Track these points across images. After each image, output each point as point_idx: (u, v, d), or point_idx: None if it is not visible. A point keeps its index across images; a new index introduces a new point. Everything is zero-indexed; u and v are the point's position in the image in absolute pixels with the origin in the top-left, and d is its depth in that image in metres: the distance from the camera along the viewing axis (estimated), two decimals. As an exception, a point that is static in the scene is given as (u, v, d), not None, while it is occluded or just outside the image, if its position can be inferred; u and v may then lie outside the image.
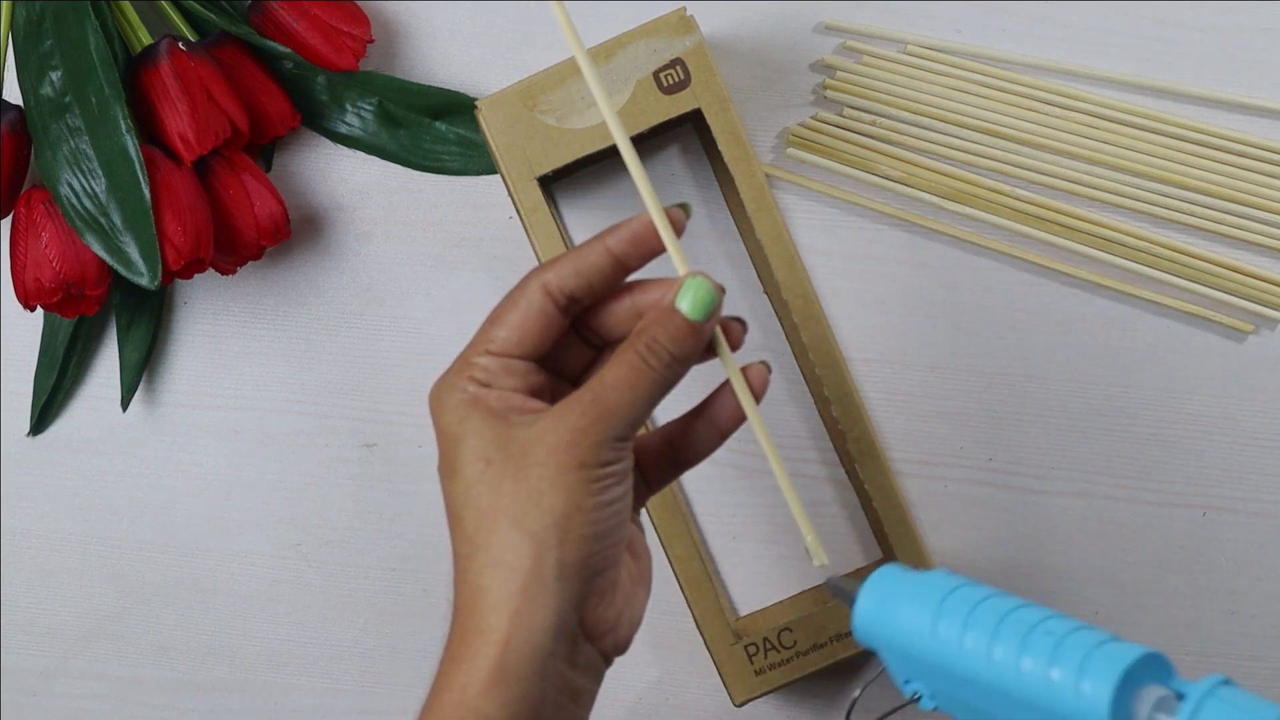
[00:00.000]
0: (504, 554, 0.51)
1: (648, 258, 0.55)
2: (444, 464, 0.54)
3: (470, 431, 0.53)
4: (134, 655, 0.75)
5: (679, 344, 0.53)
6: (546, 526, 0.51)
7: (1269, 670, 0.73)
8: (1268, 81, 0.72)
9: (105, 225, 0.65)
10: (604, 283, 0.55)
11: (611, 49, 0.67)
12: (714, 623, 0.68)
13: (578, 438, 0.52)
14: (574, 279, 0.54)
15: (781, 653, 0.68)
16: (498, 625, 0.51)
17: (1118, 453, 0.73)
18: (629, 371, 0.53)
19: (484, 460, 0.52)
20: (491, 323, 0.55)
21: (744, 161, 0.68)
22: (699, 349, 0.54)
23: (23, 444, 0.75)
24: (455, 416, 0.53)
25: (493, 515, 0.52)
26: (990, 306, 0.73)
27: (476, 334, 0.55)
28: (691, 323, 0.53)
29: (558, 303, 0.54)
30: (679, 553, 0.68)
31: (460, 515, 0.53)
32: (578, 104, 0.67)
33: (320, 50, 0.69)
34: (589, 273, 0.54)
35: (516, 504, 0.52)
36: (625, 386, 0.52)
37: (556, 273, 0.54)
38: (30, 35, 0.66)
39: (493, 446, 0.52)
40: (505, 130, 0.67)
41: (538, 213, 0.67)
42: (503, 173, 0.67)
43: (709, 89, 0.67)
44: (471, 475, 0.53)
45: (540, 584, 0.51)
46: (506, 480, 0.52)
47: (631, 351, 0.53)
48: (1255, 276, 0.72)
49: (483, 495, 0.52)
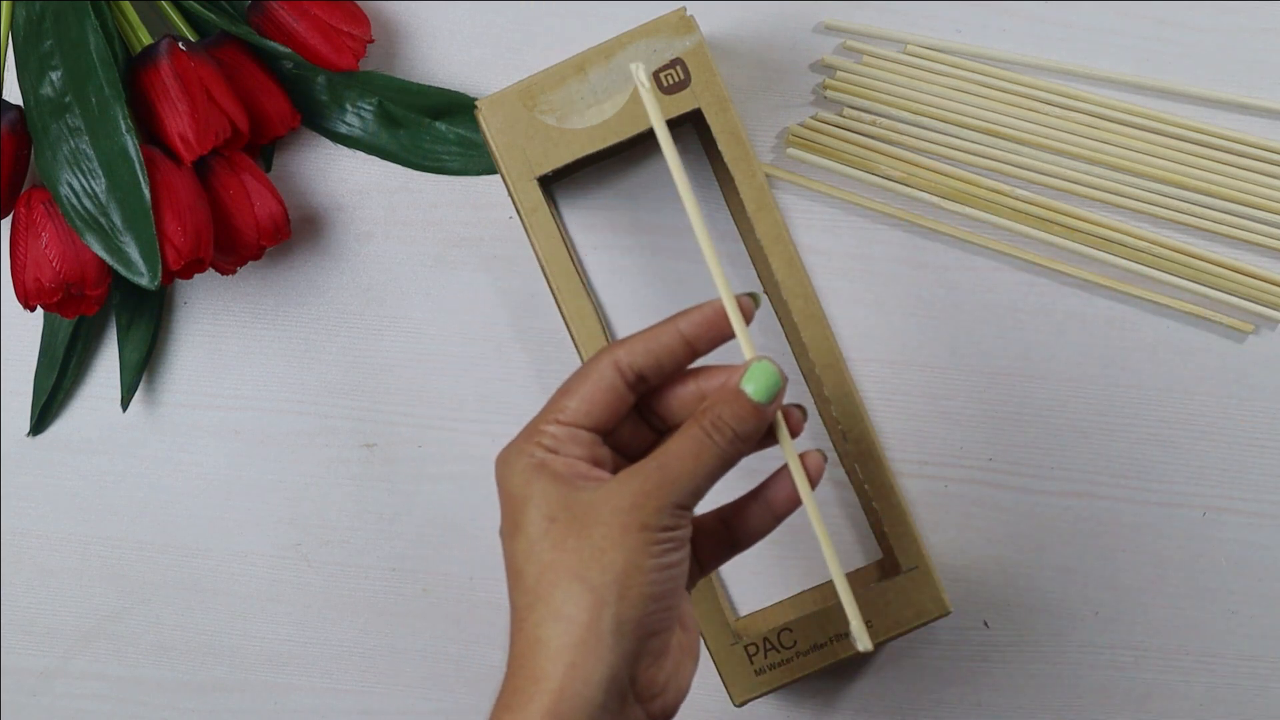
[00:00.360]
0: (564, 606, 0.53)
1: (717, 342, 0.57)
2: (507, 524, 0.56)
3: (536, 493, 0.55)
4: (134, 655, 0.75)
5: (742, 423, 0.55)
6: (607, 582, 0.53)
7: (1269, 670, 0.73)
8: (1268, 81, 0.72)
9: (105, 225, 0.65)
10: (673, 363, 0.57)
11: (611, 49, 0.67)
12: (714, 623, 0.68)
13: (642, 500, 0.54)
14: (644, 357, 0.56)
15: (781, 653, 0.68)
16: (553, 674, 0.53)
17: (1118, 453, 0.73)
18: (693, 444, 0.55)
19: (549, 519, 0.54)
20: (562, 393, 0.57)
21: (744, 161, 0.68)
22: (761, 430, 0.56)
23: (23, 444, 0.75)
24: (521, 479, 0.55)
25: (555, 570, 0.54)
26: (990, 306, 0.73)
27: (547, 404, 0.57)
28: (756, 404, 0.56)
29: (627, 379, 0.56)
30: None
31: (522, 570, 0.55)
32: (577, 104, 0.67)
33: (320, 50, 0.69)
34: (659, 352, 0.57)
35: (579, 559, 0.53)
36: (689, 457, 0.55)
37: (628, 350, 0.56)
38: (30, 35, 0.66)
39: (558, 506, 0.54)
40: (505, 130, 0.67)
41: (538, 213, 0.67)
42: (502, 173, 0.67)
43: (709, 89, 0.67)
44: (535, 533, 0.54)
45: (597, 637, 0.53)
46: (570, 537, 0.54)
47: (697, 426, 0.55)
48: (1255, 276, 0.72)
49: (546, 551, 0.54)
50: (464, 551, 0.74)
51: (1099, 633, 0.73)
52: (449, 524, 0.74)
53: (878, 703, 0.74)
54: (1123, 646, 0.73)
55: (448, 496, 0.74)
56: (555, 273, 0.68)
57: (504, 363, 0.74)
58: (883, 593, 0.68)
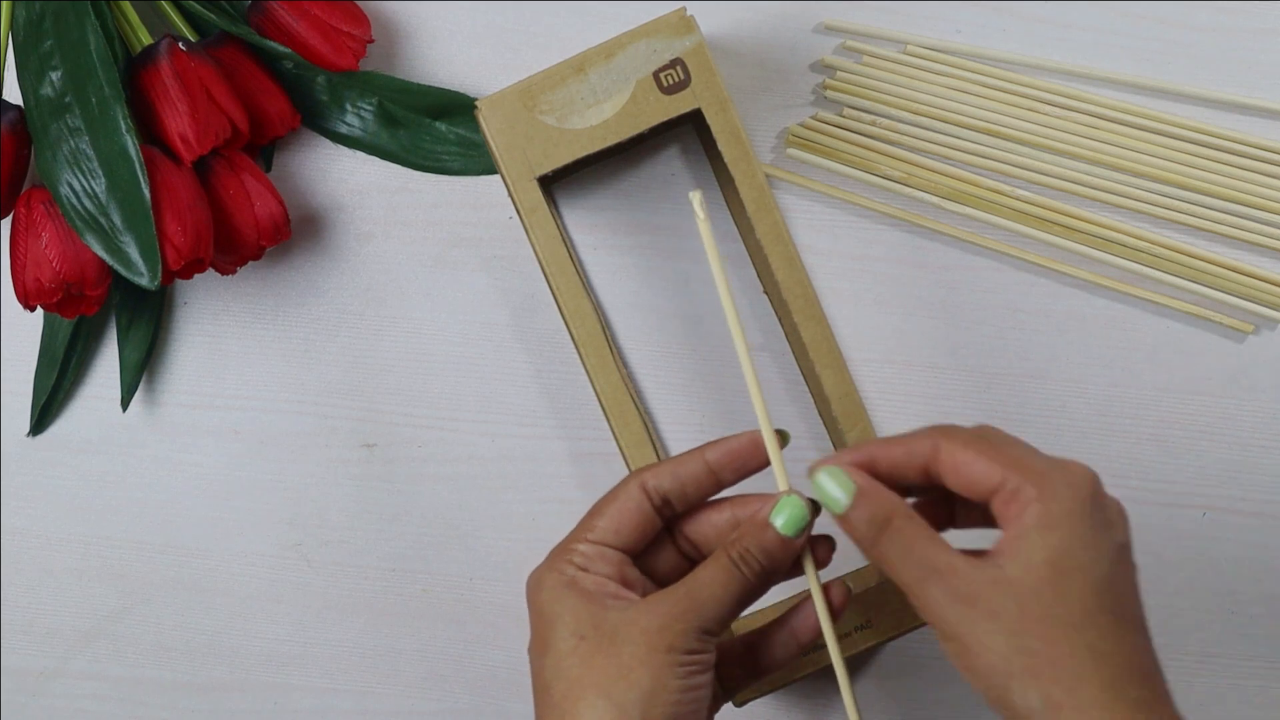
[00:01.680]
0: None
1: (743, 475, 0.59)
2: (536, 642, 0.58)
3: (565, 610, 0.56)
4: (134, 655, 0.75)
5: (770, 556, 0.57)
6: (633, 700, 0.54)
7: (1269, 670, 0.73)
8: (1268, 81, 0.72)
9: (105, 225, 0.65)
10: (698, 492, 0.59)
11: (611, 49, 0.67)
12: None
13: (670, 623, 0.55)
14: (670, 482, 0.58)
15: None
16: None
17: (1118, 453, 0.73)
18: (722, 573, 0.56)
19: (578, 636, 0.56)
20: (592, 514, 0.59)
21: (744, 161, 0.68)
22: (788, 563, 0.58)
23: (23, 444, 0.75)
24: (551, 596, 0.57)
25: (582, 686, 0.55)
26: (990, 306, 0.73)
27: (576, 526, 0.59)
28: (784, 538, 0.57)
29: (654, 503, 0.58)
30: None
31: (550, 685, 0.56)
32: (577, 104, 0.67)
33: (320, 50, 0.69)
34: (685, 479, 0.59)
35: (606, 677, 0.55)
36: (718, 585, 0.56)
37: (655, 475, 0.58)
38: (30, 35, 0.66)
39: (587, 624, 0.56)
40: (505, 130, 0.67)
41: (537, 212, 0.67)
42: (502, 173, 0.67)
43: (709, 89, 0.67)
44: (564, 650, 0.56)
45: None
46: (598, 655, 0.55)
47: (725, 556, 0.57)
48: (1255, 276, 0.72)
49: (574, 667, 0.55)
50: (464, 551, 0.74)
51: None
52: (449, 524, 0.74)
53: (878, 702, 0.74)
54: (1123, 646, 0.73)
55: (448, 496, 0.74)
56: (555, 272, 0.68)
57: (504, 363, 0.74)
58: (883, 592, 0.68)
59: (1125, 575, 0.55)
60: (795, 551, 0.58)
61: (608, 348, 0.68)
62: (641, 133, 0.67)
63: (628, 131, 0.67)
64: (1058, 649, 0.53)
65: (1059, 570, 0.53)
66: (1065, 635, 0.53)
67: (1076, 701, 0.52)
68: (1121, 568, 0.55)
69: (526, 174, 0.67)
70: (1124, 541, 0.56)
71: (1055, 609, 0.53)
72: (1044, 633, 0.53)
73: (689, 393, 0.73)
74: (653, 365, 0.73)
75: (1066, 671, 0.52)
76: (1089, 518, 0.54)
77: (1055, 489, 0.54)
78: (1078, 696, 0.52)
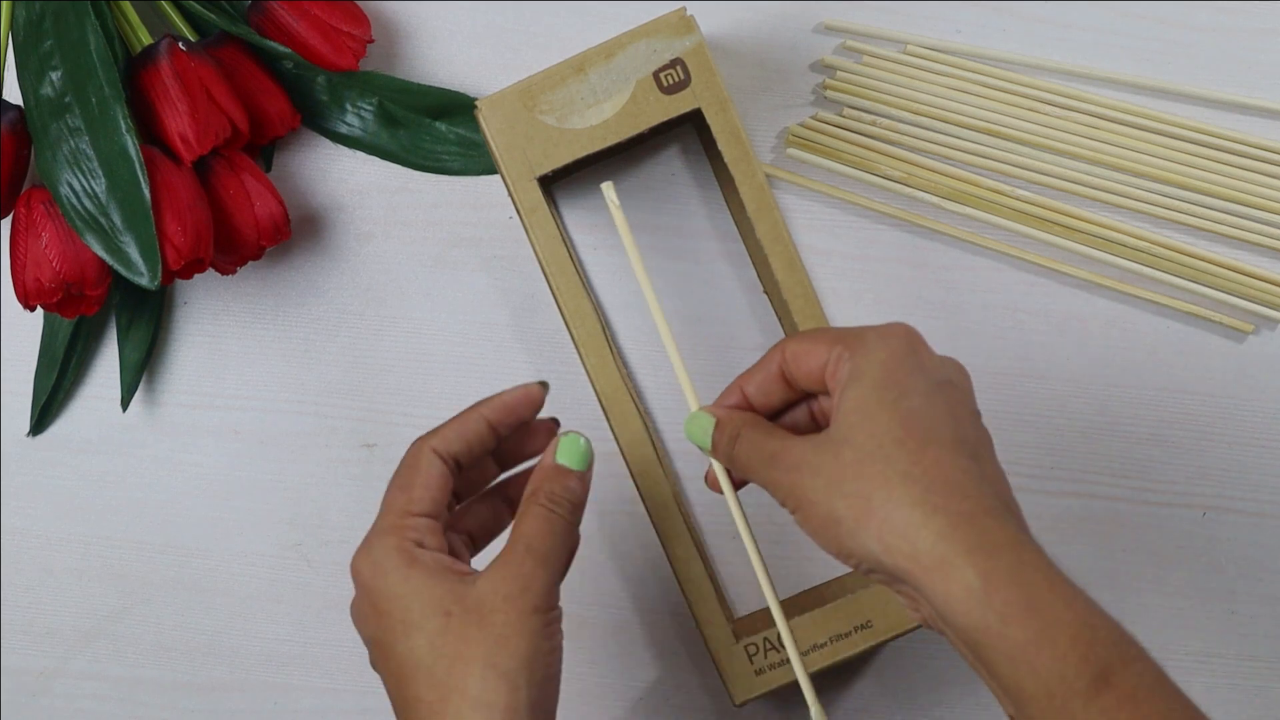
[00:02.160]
0: (482, 694, 0.56)
1: (514, 426, 0.62)
2: (388, 622, 0.58)
3: (419, 588, 0.57)
4: (134, 655, 0.75)
5: (571, 491, 0.60)
6: (516, 667, 0.56)
7: (1269, 670, 0.73)
8: (1268, 81, 0.72)
9: (105, 225, 0.65)
10: (481, 447, 0.61)
11: (611, 49, 0.67)
12: (715, 623, 0.68)
13: (528, 584, 0.57)
14: (458, 443, 0.60)
15: (782, 653, 0.68)
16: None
17: (1118, 453, 0.73)
18: (543, 521, 0.59)
19: (444, 613, 0.57)
20: (401, 489, 0.60)
21: (744, 162, 0.68)
22: (587, 492, 0.61)
23: (23, 444, 0.75)
24: (397, 575, 0.58)
25: (465, 661, 0.56)
26: (990, 306, 0.73)
27: (387, 500, 0.60)
28: (576, 472, 0.60)
29: (448, 465, 0.60)
30: (679, 553, 0.68)
31: (430, 665, 0.57)
32: (577, 104, 0.67)
33: (320, 50, 0.69)
34: (470, 437, 0.61)
35: (486, 648, 0.56)
36: (546, 534, 0.58)
37: (442, 439, 0.60)
38: (30, 35, 0.66)
39: (449, 599, 0.57)
40: (505, 130, 0.67)
41: (537, 212, 0.67)
42: (502, 173, 0.67)
43: (709, 89, 0.67)
44: (434, 628, 0.57)
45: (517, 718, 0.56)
46: (472, 629, 0.56)
47: (535, 505, 0.59)
48: (1255, 276, 0.72)
49: (450, 644, 0.56)
50: (464, 551, 0.74)
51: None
52: (449, 524, 0.74)
53: (877, 702, 0.74)
54: (1123, 646, 0.73)
55: (448, 496, 0.74)
56: (555, 272, 0.68)
57: (504, 363, 0.74)
58: (883, 593, 0.68)
59: (941, 405, 0.55)
60: (588, 481, 0.61)
61: (608, 348, 0.68)
62: (641, 133, 0.67)
63: (628, 131, 0.67)
64: (871, 484, 0.54)
65: (865, 413, 0.55)
66: (877, 470, 0.54)
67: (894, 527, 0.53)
68: (937, 399, 0.55)
69: (527, 174, 0.67)
70: (945, 380, 0.56)
71: (865, 449, 0.54)
72: (857, 473, 0.54)
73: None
74: (653, 365, 0.73)
75: (880, 502, 0.53)
76: (899, 362, 0.56)
77: (867, 346, 0.56)
78: (893, 522, 0.53)
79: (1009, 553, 0.52)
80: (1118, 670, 0.50)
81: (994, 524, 0.53)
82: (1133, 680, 0.50)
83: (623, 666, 0.74)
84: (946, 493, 0.53)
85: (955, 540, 0.52)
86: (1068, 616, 0.51)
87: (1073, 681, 0.50)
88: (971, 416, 0.56)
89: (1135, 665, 0.51)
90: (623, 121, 0.67)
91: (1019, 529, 0.53)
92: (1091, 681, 0.50)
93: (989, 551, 0.52)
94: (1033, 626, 0.51)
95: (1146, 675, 0.51)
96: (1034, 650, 0.51)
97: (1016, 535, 0.53)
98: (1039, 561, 0.52)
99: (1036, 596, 0.51)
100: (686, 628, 0.73)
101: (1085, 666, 0.50)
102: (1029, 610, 0.51)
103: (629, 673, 0.73)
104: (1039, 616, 0.51)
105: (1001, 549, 0.52)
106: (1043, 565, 0.52)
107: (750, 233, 0.69)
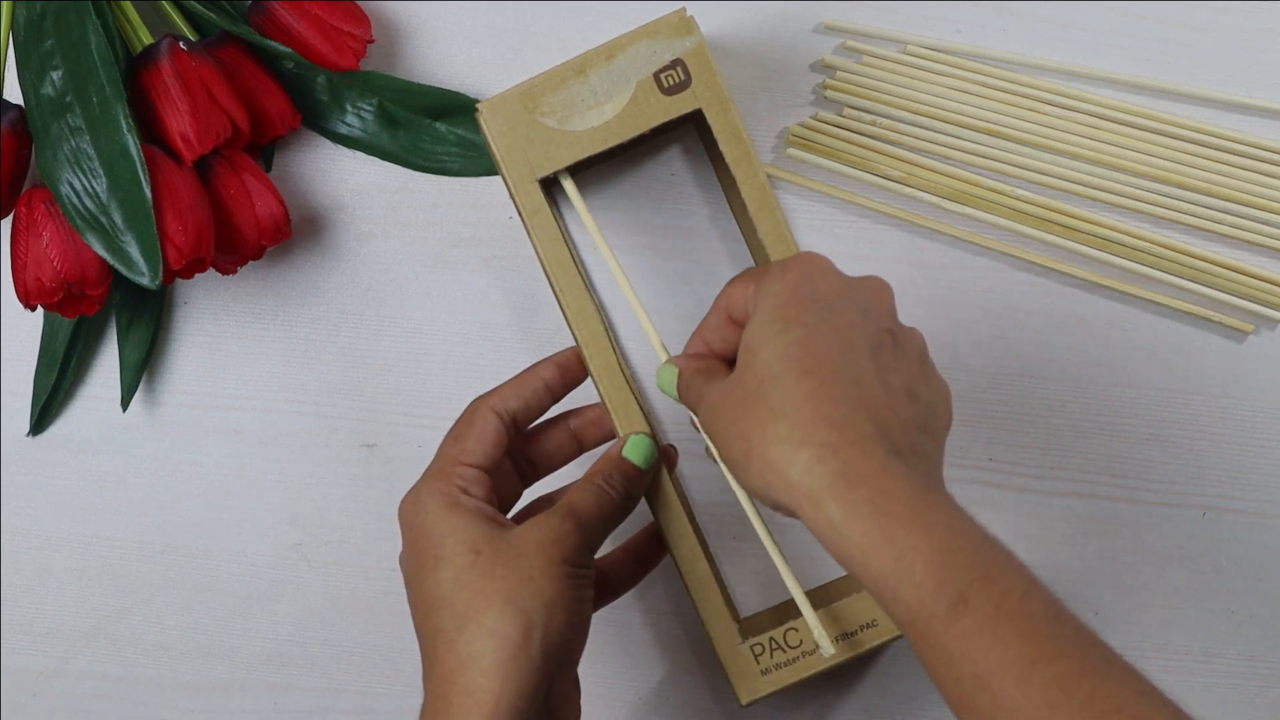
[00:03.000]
0: (498, 625, 0.58)
1: (570, 387, 0.67)
2: (422, 558, 0.61)
3: (456, 527, 0.60)
4: (134, 655, 0.75)
5: (629, 481, 0.65)
6: (536, 607, 0.58)
7: (1269, 670, 0.73)
8: (1268, 81, 0.72)
9: (106, 225, 0.65)
10: (539, 407, 0.66)
11: (612, 50, 0.67)
12: (720, 623, 0.68)
13: (562, 537, 0.60)
14: (516, 401, 0.65)
15: (788, 652, 0.68)
16: (489, 687, 0.57)
17: (1118, 453, 0.73)
18: (595, 495, 0.63)
19: (473, 551, 0.60)
20: (456, 439, 0.63)
21: (746, 162, 0.68)
22: (644, 487, 0.66)
23: (23, 444, 0.75)
24: (437, 515, 0.61)
25: (486, 594, 0.58)
26: (990, 306, 0.73)
27: (441, 450, 0.63)
28: (639, 468, 0.65)
29: (504, 422, 0.64)
30: (683, 553, 0.68)
31: (451, 597, 0.59)
32: (578, 106, 0.67)
33: (321, 50, 0.69)
34: (528, 396, 0.65)
35: (509, 585, 0.59)
36: (593, 505, 0.62)
37: (500, 398, 0.65)
38: (31, 35, 0.66)
39: (481, 539, 0.60)
40: (506, 133, 0.67)
41: (539, 215, 0.67)
42: (504, 175, 0.67)
43: (710, 89, 0.67)
44: (463, 563, 0.59)
45: (528, 655, 0.58)
46: (499, 566, 0.59)
47: (593, 483, 0.64)
48: (1255, 276, 0.72)
49: (475, 579, 0.59)
50: (464, 551, 0.74)
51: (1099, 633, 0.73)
52: (449, 524, 0.74)
53: (880, 702, 0.74)
54: (1123, 646, 0.73)
55: (448, 496, 0.74)
56: (558, 274, 0.68)
57: (504, 363, 0.74)
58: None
59: (827, 333, 0.55)
60: (649, 477, 0.66)
61: (611, 349, 0.68)
62: (643, 134, 0.67)
63: (629, 133, 0.67)
64: (750, 422, 0.55)
65: (752, 351, 0.56)
66: (757, 406, 0.55)
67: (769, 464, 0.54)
68: (822, 328, 0.55)
69: (528, 176, 0.67)
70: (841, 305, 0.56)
71: (749, 386, 0.55)
72: (743, 412, 0.55)
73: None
74: (652, 365, 0.73)
75: (757, 440, 0.54)
76: (790, 293, 0.56)
77: (768, 279, 0.58)
78: (768, 459, 0.54)
79: (870, 483, 0.52)
80: (977, 592, 0.50)
81: (858, 454, 0.53)
82: (994, 601, 0.50)
83: (626, 666, 0.74)
84: (813, 426, 0.53)
85: (819, 474, 0.53)
86: (923, 544, 0.51)
87: (932, 607, 0.50)
88: (868, 338, 0.56)
89: (997, 584, 0.51)
90: (624, 123, 0.67)
91: (888, 454, 0.53)
92: (950, 606, 0.50)
93: (850, 483, 0.52)
94: (889, 555, 0.51)
95: (1011, 594, 0.50)
96: (894, 580, 0.51)
97: (883, 463, 0.53)
98: (899, 490, 0.52)
99: (891, 527, 0.51)
100: (691, 627, 0.73)
101: (942, 592, 0.50)
102: (886, 540, 0.51)
103: (634, 671, 0.74)
104: (894, 546, 0.51)
105: (864, 479, 0.52)
106: (904, 492, 0.52)
107: (752, 232, 0.69)
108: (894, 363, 0.56)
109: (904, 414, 0.55)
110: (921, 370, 0.57)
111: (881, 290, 0.59)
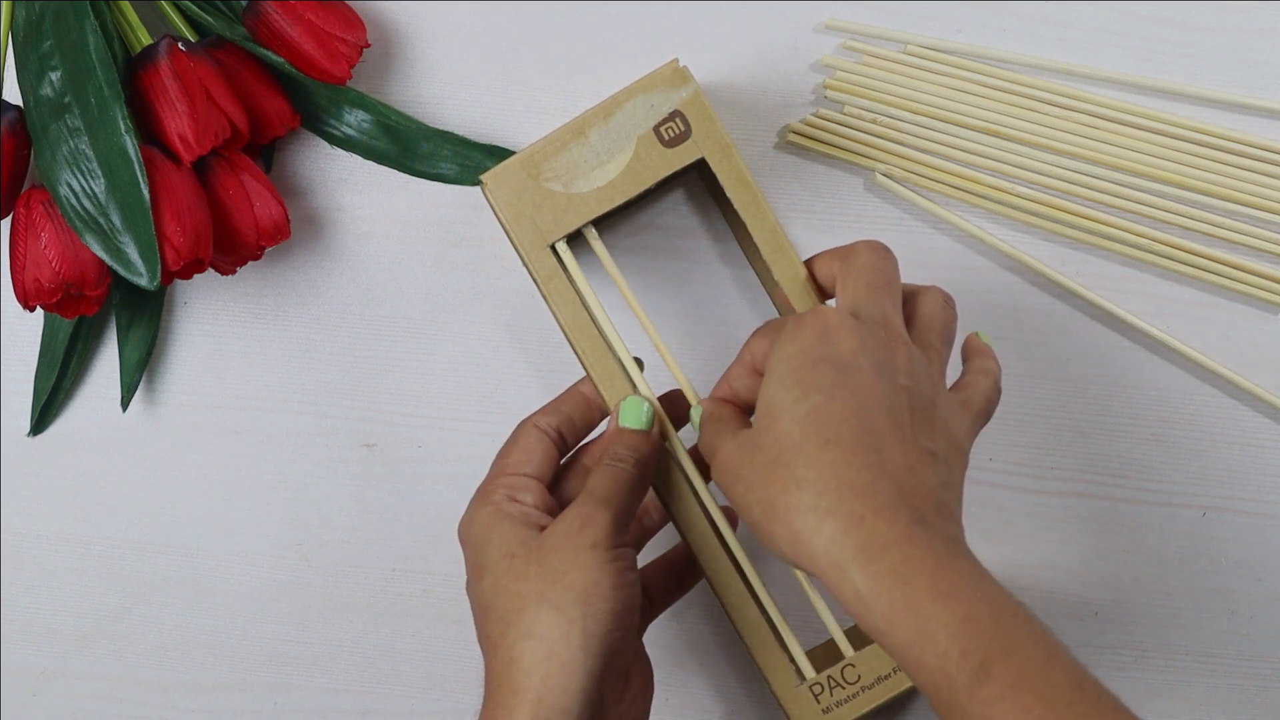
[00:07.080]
0: (534, 626, 0.58)
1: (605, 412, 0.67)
2: (472, 569, 0.62)
3: (495, 536, 0.61)
4: (134, 655, 0.75)
5: (636, 449, 0.64)
6: (570, 601, 0.58)
7: (1269, 670, 0.73)
8: (1268, 81, 0.72)
9: (105, 225, 0.65)
10: (584, 420, 0.66)
11: (609, 109, 0.66)
12: (777, 665, 0.66)
13: (587, 521, 0.60)
14: (556, 416, 0.66)
15: (847, 688, 0.67)
16: (530, 687, 0.58)
17: (1118, 453, 0.73)
18: (608, 474, 0.63)
19: (509, 556, 0.60)
20: (500, 457, 0.65)
21: (754, 205, 0.66)
22: (653, 449, 0.65)
23: (23, 444, 0.75)
24: (482, 526, 0.62)
25: (521, 597, 0.59)
26: (990, 306, 0.73)
27: (490, 471, 0.65)
28: (637, 430, 0.64)
29: (550, 436, 0.65)
30: (733, 600, 0.67)
31: (492, 604, 0.60)
32: (581, 167, 0.66)
33: (314, 56, 0.68)
34: (569, 410, 0.66)
35: (542, 584, 0.59)
36: (610, 485, 0.62)
37: (542, 415, 0.66)
38: (30, 35, 0.66)
39: (515, 544, 0.61)
40: (513, 202, 0.65)
41: (554, 280, 0.66)
42: (515, 244, 0.66)
43: (710, 137, 0.66)
44: (500, 570, 0.60)
45: (568, 651, 0.58)
46: (531, 567, 0.60)
47: (603, 464, 0.63)
48: (1255, 274, 0.72)
49: (510, 583, 0.60)
50: (464, 551, 0.74)
51: (1099, 633, 0.73)
52: (449, 524, 0.73)
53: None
54: (1123, 646, 0.73)
55: (448, 496, 0.74)
56: (579, 339, 0.66)
57: (504, 363, 0.74)
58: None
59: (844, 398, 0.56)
60: (654, 439, 0.65)
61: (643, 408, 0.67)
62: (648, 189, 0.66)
63: (634, 189, 0.66)
64: (774, 489, 0.55)
65: (771, 415, 0.57)
66: (779, 475, 0.55)
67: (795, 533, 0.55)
68: (840, 393, 0.56)
69: (539, 243, 0.66)
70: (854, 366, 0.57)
71: (770, 454, 0.56)
72: (765, 478, 0.56)
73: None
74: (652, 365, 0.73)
75: (782, 508, 0.55)
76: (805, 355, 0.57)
77: (782, 339, 0.58)
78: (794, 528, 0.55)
79: (894, 552, 0.53)
80: (999, 661, 0.51)
81: (882, 524, 0.53)
82: (1015, 669, 0.51)
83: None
84: (839, 495, 0.54)
85: (845, 544, 0.53)
86: (946, 614, 0.52)
87: (955, 676, 0.51)
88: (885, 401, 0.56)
89: (1019, 654, 0.51)
90: (628, 180, 0.66)
91: (912, 522, 0.54)
92: (973, 674, 0.51)
93: (874, 554, 0.53)
94: (913, 625, 0.52)
95: (1033, 662, 0.51)
96: (917, 650, 0.52)
97: (906, 531, 0.53)
98: (923, 558, 0.53)
99: (915, 596, 0.52)
100: (690, 627, 0.73)
101: (965, 661, 0.51)
102: (909, 610, 0.52)
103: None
104: (918, 616, 0.52)
105: (887, 549, 0.53)
106: (928, 561, 0.53)
107: (766, 273, 0.68)
108: (911, 422, 0.57)
109: (925, 476, 0.56)
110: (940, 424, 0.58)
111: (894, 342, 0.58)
